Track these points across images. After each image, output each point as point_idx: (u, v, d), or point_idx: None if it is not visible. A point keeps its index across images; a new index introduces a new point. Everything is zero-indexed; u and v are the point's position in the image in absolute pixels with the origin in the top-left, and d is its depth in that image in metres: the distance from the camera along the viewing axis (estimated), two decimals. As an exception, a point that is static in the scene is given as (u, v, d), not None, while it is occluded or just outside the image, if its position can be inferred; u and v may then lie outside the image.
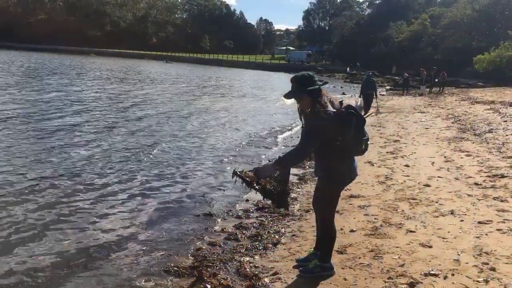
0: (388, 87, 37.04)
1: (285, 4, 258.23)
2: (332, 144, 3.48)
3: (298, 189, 6.85)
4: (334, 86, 38.95)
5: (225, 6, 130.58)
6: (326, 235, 3.81)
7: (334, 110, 3.46)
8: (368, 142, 3.65)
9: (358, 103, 14.53)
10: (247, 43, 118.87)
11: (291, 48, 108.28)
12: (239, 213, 5.80)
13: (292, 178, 7.51)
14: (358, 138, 3.54)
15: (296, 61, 77.78)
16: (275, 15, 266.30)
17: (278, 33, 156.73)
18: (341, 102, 3.64)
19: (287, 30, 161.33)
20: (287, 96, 3.61)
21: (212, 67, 70.31)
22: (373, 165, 8.07)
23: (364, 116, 4.05)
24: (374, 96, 17.18)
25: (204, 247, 4.67)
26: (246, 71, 65.12)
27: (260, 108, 19.22)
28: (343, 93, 30.97)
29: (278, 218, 5.52)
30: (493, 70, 35.16)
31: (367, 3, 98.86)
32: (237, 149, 10.22)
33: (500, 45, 36.73)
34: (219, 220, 5.60)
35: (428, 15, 58.83)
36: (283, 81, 39.67)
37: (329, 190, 3.69)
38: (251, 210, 5.91)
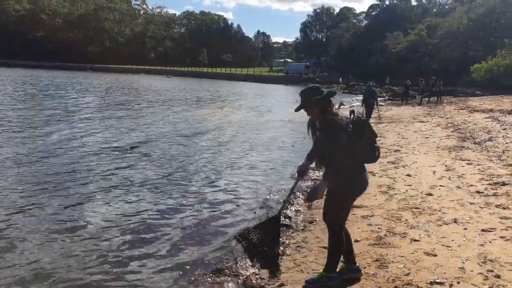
0: (386, 97, 37.16)
1: (282, 17, 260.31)
2: (347, 152, 3.46)
3: (302, 201, 6.87)
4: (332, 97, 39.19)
5: (222, 20, 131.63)
6: (334, 245, 3.80)
7: (347, 118, 3.55)
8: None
9: (360, 112, 15.07)
10: (245, 56, 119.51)
11: (289, 60, 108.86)
12: (244, 224, 5.81)
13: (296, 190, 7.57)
14: (371, 145, 3.61)
15: (294, 73, 78.04)
16: (273, 28, 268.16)
17: (275, 45, 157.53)
18: (352, 112, 3.72)
19: (284, 42, 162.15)
20: (297, 109, 3.72)
21: (215, 81, 70.60)
22: (374, 175, 8.10)
23: None
24: (375, 105, 17.65)
25: (215, 259, 4.71)
26: (246, 84, 65.32)
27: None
28: (342, 103, 31.09)
29: (282, 229, 5.54)
30: (491, 78, 35.32)
31: (364, 14, 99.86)
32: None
33: (497, 54, 36.96)
34: (228, 230, 5.63)
35: (425, 25, 59.22)
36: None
37: (343, 199, 3.69)
38: (256, 222, 5.93)
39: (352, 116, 3.65)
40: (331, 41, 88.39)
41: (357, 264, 4.00)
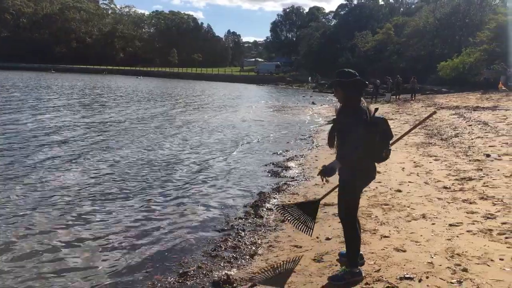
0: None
1: (252, 16, 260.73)
2: (361, 144, 3.57)
3: (274, 200, 6.87)
4: (304, 96, 39.58)
5: (192, 19, 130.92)
6: (352, 239, 3.84)
7: (365, 111, 3.68)
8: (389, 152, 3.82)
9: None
10: (216, 56, 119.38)
11: (260, 59, 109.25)
12: (217, 227, 5.77)
13: (267, 189, 7.58)
14: (383, 145, 3.73)
15: (265, 73, 78.42)
16: (243, 28, 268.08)
17: (246, 45, 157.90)
18: (376, 109, 3.82)
19: (255, 42, 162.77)
20: (328, 86, 3.77)
21: (185, 81, 70.16)
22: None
23: None
24: None
25: (186, 260, 4.64)
26: (217, 83, 65.19)
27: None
28: (313, 102, 31.43)
29: (254, 229, 5.53)
30: (457, 76, 36.23)
31: (333, 14, 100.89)
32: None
33: (462, 52, 37.94)
34: (200, 232, 5.57)
35: (392, 24, 60.30)
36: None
37: (354, 186, 3.79)
38: (229, 222, 5.89)
39: (373, 112, 3.76)
40: (301, 40, 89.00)
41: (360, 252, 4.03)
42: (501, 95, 22.56)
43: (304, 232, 4.30)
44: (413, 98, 29.40)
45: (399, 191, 6.75)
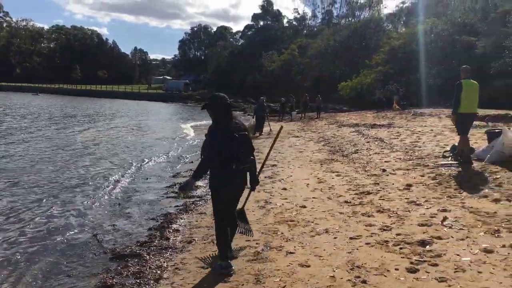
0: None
1: (160, 34, 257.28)
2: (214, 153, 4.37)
3: (182, 220, 6.73)
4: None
5: (96, 35, 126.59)
6: (217, 237, 4.64)
7: (236, 128, 4.40)
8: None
9: (252, 123, 18.78)
10: (122, 73, 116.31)
11: (168, 77, 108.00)
12: (120, 253, 5.49)
13: (174, 210, 7.42)
14: (245, 156, 4.48)
15: (173, 91, 77.68)
16: (151, 45, 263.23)
17: (154, 62, 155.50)
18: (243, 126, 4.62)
19: (163, 59, 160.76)
20: (201, 108, 4.58)
21: (89, 98, 67.26)
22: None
23: (254, 136, 4.81)
24: (266, 119, 20.86)
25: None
26: (124, 101, 63.33)
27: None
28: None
29: (159, 251, 5.36)
30: (356, 95, 38.45)
31: (240, 34, 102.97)
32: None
33: (360, 73, 40.45)
34: (98, 261, 5.27)
35: (296, 45, 62.86)
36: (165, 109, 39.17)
37: (216, 194, 4.55)
38: (132, 247, 5.65)
39: (243, 129, 4.50)
40: (210, 58, 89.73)
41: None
42: (395, 114, 24.26)
43: (247, 235, 5.18)
44: (318, 117, 30.66)
45: (304, 206, 6.94)
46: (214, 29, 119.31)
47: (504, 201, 6.22)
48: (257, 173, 4.81)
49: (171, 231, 6.19)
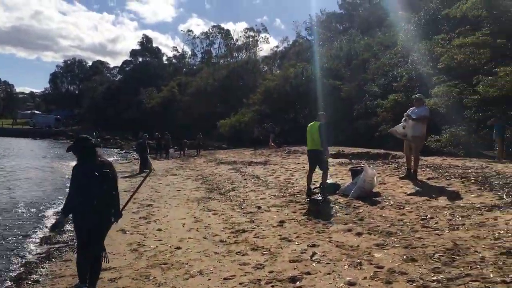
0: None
1: (28, 66, 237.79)
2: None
3: (43, 269, 6.14)
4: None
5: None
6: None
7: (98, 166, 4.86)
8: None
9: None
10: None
11: (37, 112, 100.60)
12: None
13: (35, 258, 6.77)
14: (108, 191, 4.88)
15: (43, 126, 72.43)
16: (17, 77, 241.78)
17: (21, 95, 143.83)
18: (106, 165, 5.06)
19: (31, 93, 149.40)
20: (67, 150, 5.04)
21: None
22: (125, 233, 7.89)
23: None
24: (148, 159, 20.57)
25: None
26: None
27: None
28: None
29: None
30: (235, 133, 39.45)
31: (118, 69, 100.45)
32: None
33: (238, 112, 41.74)
34: None
35: (176, 83, 63.10)
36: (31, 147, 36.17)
37: (75, 225, 4.95)
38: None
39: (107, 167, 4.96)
40: (84, 93, 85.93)
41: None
42: (271, 151, 25.23)
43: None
44: (197, 154, 30.69)
45: (179, 248, 6.78)
46: (90, 63, 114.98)
47: (365, 234, 6.70)
48: (120, 208, 5.16)
49: (30, 282, 5.61)
